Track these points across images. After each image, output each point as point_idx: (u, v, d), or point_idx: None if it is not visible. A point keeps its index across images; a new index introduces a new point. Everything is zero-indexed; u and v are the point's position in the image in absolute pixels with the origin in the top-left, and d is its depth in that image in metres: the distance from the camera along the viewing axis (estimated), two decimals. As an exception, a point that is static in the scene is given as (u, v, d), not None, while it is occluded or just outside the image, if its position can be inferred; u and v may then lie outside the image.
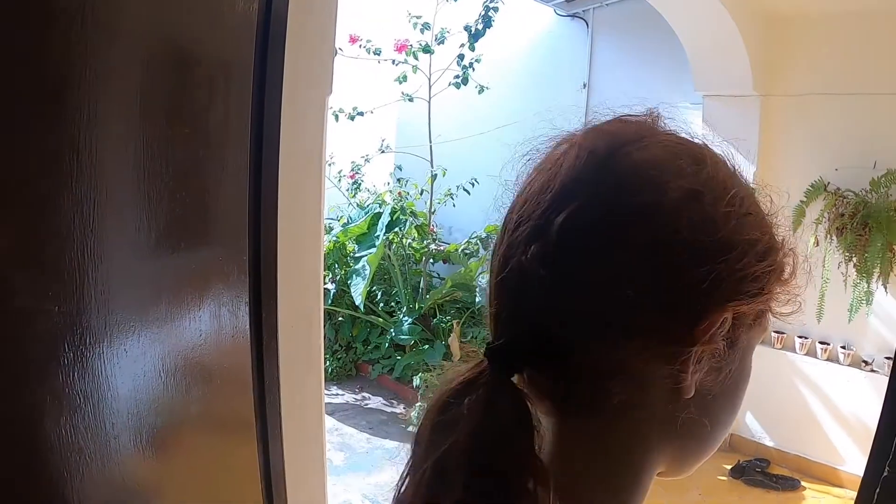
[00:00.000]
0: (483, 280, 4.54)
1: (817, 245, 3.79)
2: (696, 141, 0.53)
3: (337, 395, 5.47)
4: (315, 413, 1.62)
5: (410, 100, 5.72)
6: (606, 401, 0.50)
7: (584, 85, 5.62)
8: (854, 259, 3.74)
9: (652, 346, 0.49)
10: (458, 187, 5.62)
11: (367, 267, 4.65)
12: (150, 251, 1.07)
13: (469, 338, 4.78)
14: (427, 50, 5.01)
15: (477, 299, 4.57)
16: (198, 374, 1.17)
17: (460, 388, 0.50)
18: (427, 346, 5.06)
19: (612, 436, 0.52)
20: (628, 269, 0.48)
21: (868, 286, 3.69)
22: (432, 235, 5.41)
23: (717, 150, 0.53)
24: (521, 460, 0.47)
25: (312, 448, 1.60)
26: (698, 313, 0.48)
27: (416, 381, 4.65)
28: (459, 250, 5.09)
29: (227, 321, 1.22)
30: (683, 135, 0.54)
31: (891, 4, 3.66)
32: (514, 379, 0.50)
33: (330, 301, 5.82)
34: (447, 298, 5.09)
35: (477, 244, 4.97)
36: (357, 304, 4.64)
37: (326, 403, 5.39)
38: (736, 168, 0.53)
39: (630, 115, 0.54)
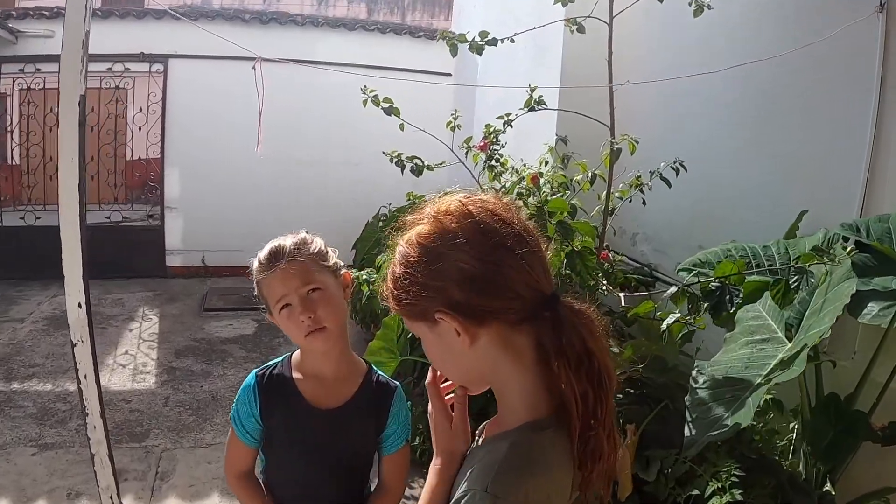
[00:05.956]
0: (703, 375, 2.18)
1: None
2: None
3: None
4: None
5: (580, 30, 3.45)
6: None
7: (882, 5, 2.97)
8: None
9: None
10: (652, 173, 3.29)
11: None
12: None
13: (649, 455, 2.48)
14: None
15: (688, 397, 2.21)
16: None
17: None
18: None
19: None
20: None
21: None
22: (604, 265, 3.10)
23: None
24: None
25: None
26: None
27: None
28: (654, 312, 2.55)
29: None
30: None
31: None
32: None
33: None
34: (624, 375, 2.82)
35: (687, 291, 2.54)
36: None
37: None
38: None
39: None
